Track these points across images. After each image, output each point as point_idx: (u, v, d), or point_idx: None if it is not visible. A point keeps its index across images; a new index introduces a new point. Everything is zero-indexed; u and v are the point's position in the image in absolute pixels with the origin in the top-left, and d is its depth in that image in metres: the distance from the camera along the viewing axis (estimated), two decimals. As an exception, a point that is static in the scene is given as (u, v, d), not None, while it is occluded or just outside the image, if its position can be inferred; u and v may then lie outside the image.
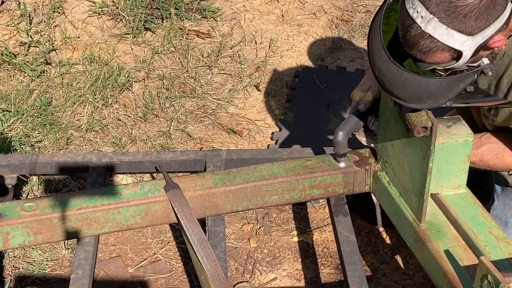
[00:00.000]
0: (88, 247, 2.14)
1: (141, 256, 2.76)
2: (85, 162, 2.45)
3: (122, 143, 3.22)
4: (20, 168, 2.47)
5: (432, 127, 1.83)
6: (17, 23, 3.97)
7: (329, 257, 2.74)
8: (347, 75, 3.64)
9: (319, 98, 3.50)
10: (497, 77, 2.02)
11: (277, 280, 2.66)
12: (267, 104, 3.51)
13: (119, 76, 3.59)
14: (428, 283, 2.59)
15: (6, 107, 3.35)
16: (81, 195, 2.12)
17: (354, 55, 3.81)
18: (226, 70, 3.70)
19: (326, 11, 4.13)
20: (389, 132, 2.09)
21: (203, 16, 4.07)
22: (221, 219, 2.25)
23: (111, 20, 4.05)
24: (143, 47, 3.86)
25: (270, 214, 2.92)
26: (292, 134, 3.29)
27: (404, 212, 2.06)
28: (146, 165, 2.46)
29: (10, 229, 2.05)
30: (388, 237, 2.80)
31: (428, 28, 1.65)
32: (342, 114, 3.38)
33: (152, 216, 2.13)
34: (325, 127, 3.31)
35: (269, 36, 3.95)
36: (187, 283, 2.66)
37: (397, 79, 1.78)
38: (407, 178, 2.02)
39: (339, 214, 2.29)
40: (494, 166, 2.18)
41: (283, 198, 2.23)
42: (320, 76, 3.64)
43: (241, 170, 2.22)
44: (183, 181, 2.15)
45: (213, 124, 3.37)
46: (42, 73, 3.63)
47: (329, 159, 2.26)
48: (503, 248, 1.83)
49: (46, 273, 2.68)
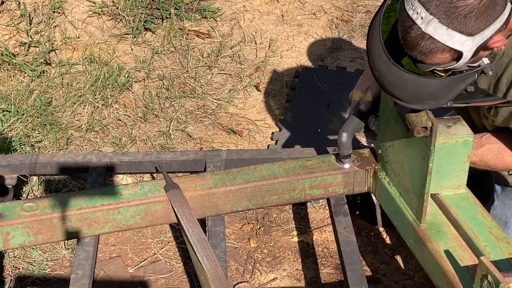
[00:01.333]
0: (88, 247, 2.14)
1: (141, 256, 2.76)
2: (85, 162, 2.45)
3: (122, 143, 3.22)
4: (20, 168, 2.47)
5: (432, 127, 1.83)
6: (17, 23, 3.97)
7: (329, 257, 2.75)
8: (347, 75, 3.64)
9: (319, 98, 3.50)
10: (496, 77, 2.02)
11: (277, 280, 2.66)
12: (267, 104, 3.51)
13: (119, 76, 3.59)
14: (428, 283, 2.59)
15: (6, 107, 3.35)
16: (81, 195, 2.12)
17: (354, 55, 3.81)
18: (226, 70, 3.70)
19: (326, 11, 4.13)
20: (389, 132, 2.09)
21: (203, 16, 4.07)
22: (221, 219, 2.25)
23: (111, 20, 4.05)
24: (143, 47, 3.86)
25: (270, 214, 2.92)
26: (292, 134, 3.29)
27: (404, 212, 2.06)
28: (146, 165, 2.46)
29: (10, 229, 2.05)
30: (388, 237, 2.80)
31: (428, 29, 1.65)
32: (342, 114, 3.38)
33: (152, 216, 2.13)
34: (325, 127, 3.32)
35: (269, 36, 3.95)
36: (187, 283, 2.66)
37: (397, 80, 1.78)
38: (407, 178, 2.02)
39: (339, 214, 2.29)
40: (494, 166, 2.18)
41: (283, 198, 2.23)
42: (320, 76, 3.64)
43: (241, 170, 2.22)
44: (183, 181, 2.15)
45: (213, 124, 3.37)
46: (42, 73, 3.63)
47: (329, 159, 2.26)
48: (503, 248, 1.83)
49: (46, 273, 2.68)
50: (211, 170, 2.36)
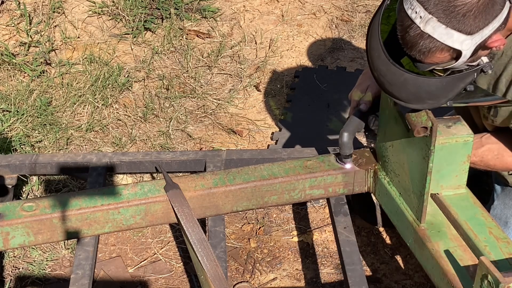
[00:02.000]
0: (88, 247, 2.14)
1: (141, 256, 2.76)
2: (85, 162, 2.45)
3: (122, 143, 3.22)
4: (20, 168, 2.47)
5: (432, 127, 1.83)
6: (17, 23, 3.97)
7: (329, 257, 2.75)
8: (347, 75, 3.64)
9: (319, 98, 3.50)
10: (496, 77, 2.02)
11: (277, 280, 2.66)
12: (267, 104, 3.51)
13: (119, 76, 3.59)
14: (428, 283, 2.59)
15: (6, 107, 3.35)
16: (81, 195, 2.12)
17: (354, 55, 3.81)
18: (226, 70, 3.70)
19: (326, 11, 4.13)
20: (389, 132, 2.09)
21: (203, 16, 4.07)
22: (221, 219, 2.25)
23: (111, 20, 4.05)
24: (143, 47, 3.86)
25: (270, 214, 2.92)
26: (292, 134, 3.29)
27: (404, 212, 2.06)
28: (146, 165, 2.46)
29: (10, 229, 2.05)
30: (388, 237, 2.80)
31: (427, 28, 1.65)
32: (342, 114, 3.38)
33: (152, 216, 2.13)
34: (325, 127, 3.32)
35: (269, 36, 3.95)
36: (187, 283, 2.66)
37: (397, 80, 1.78)
38: (407, 178, 2.02)
39: (339, 214, 2.29)
40: (494, 166, 2.18)
41: (283, 198, 2.23)
42: (320, 76, 3.64)
43: (241, 170, 2.22)
44: (183, 181, 2.15)
45: (213, 124, 3.37)
46: (42, 73, 3.63)
47: (329, 159, 2.26)
48: (503, 248, 1.83)
49: (46, 273, 2.68)
50: (211, 170, 2.36)
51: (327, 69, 3.71)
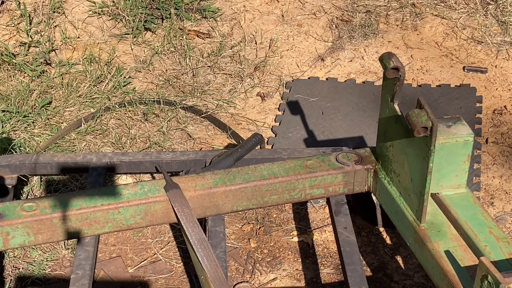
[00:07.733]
0: (88, 247, 2.14)
1: (141, 256, 2.76)
2: (85, 162, 2.45)
3: (122, 143, 3.22)
4: (20, 168, 2.47)
5: (432, 127, 1.83)
6: (17, 23, 3.97)
7: (329, 257, 2.74)
8: (339, 85, 3.55)
9: (312, 107, 3.44)
10: None
11: (277, 280, 2.66)
12: (267, 104, 3.51)
13: (119, 76, 3.59)
14: (428, 283, 2.59)
15: (6, 107, 3.35)
16: (81, 195, 2.12)
17: (354, 55, 3.81)
18: (226, 70, 3.70)
19: (326, 11, 4.13)
20: (389, 132, 2.09)
21: (203, 16, 4.07)
22: (221, 219, 2.25)
23: (111, 20, 4.05)
24: (143, 47, 3.86)
25: (270, 214, 2.92)
26: (291, 134, 3.29)
27: (404, 212, 2.06)
28: (146, 165, 2.46)
29: (10, 229, 2.05)
30: (388, 237, 2.80)
31: None
32: (336, 120, 3.37)
33: (152, 216, 2.13)
34: (324, 127, 3.31)
35: (269, 36, 3.95)
36: (187, 283, 2.66)
37: None
38: (407, 178, 2.02)
39: (339, 214, 2.29)
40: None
41: (283, 197, 2.23)
42: (310, 88, 3.53)
43: (241, 170, 2.22)
44: (183, 181, 2.16)
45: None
46: (42, 73, 3.63)
47: (329, 158, 2.26)
48: (503, 248, 1.83)
49: (46, 273, 2.68)
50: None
51: (319, 80, 3.59)
